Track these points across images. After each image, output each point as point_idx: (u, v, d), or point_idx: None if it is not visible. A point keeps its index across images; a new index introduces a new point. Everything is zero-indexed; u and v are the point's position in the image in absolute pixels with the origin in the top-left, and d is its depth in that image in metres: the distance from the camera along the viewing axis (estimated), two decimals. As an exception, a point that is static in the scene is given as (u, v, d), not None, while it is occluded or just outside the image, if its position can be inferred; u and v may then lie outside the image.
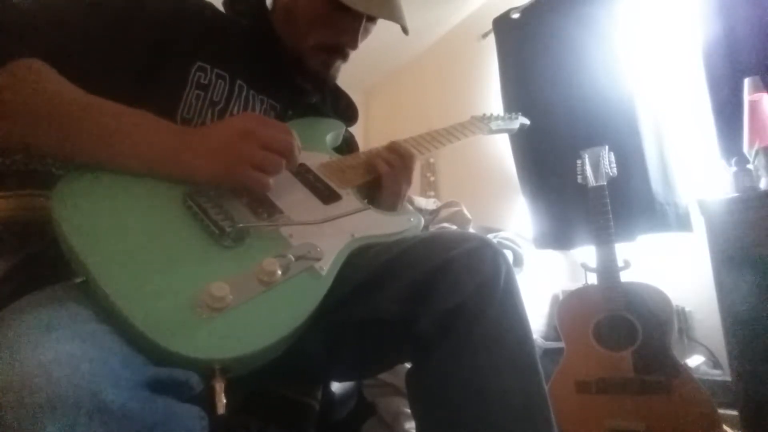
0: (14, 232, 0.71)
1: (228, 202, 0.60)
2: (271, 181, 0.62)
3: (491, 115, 1.10)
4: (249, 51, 0.81)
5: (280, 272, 0.54)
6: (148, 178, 0.59)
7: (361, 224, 0.68)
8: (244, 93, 0.78)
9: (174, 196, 0.59)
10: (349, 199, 0.72)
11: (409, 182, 0.83)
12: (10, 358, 0.39)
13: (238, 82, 0.78)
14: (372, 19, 0.83)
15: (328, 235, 0.63)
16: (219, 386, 0.46)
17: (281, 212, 0.63)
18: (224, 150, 0.60)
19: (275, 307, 0.53)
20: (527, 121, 1.19)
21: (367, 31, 0.85)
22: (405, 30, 0.83)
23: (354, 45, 0.83)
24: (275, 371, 0.52)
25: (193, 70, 0.73)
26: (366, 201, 0.75)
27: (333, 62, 0.85)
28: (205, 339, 0.47)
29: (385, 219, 0.72)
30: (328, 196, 0.71)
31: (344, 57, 0.85)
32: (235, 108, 0.77)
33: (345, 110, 0.98)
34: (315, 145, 0.81)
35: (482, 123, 1.06)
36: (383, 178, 0.80)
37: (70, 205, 0.54)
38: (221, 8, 0.87)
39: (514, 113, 1.18)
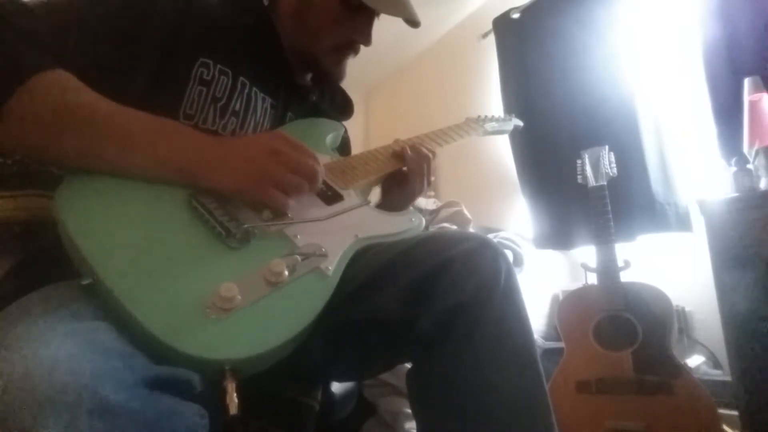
0: (15, 232, 0.71)
1: (233, 202, 0.61)
2: (292, 202, 0.62)
3: (485, 116, 1.11)
4: (252, 49, 0.81)
5: (287, 272, 0.54)
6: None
7: (364, 225, 0.68)
8: (246, 90, 0.78)
9: (179, 197, 0.59)
10: (351, 200, 0.73)
11: (428, 182, 0.87)
12: (12, 356, 0.39)
13: (241, 78, 0.78)
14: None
15: (333, 236, 0.64)
16: (230, 387, 0.46)
17: (285, 213, 0.63)
18: (251, 167, 0.60)
19: (284, 307, 0.53)
20: (521, 123, 1.22)
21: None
22: (416, 23, 0.84)
23: (368, 41, 0.84)
24: (275, 371, 0.52)
25: (196, 66, 0.73)
26: (370, 202, 0.76)
27: (346, 59, 0.86)
28: (215, 340, 0.47)
29: (388, 219, 0.73)
30: (330, 196, 0.71)
31: (356, 52, 0.87)
32: (237, 104, 0.77)
33: (342, 104, 0.99)
34: (315, 146, 0.81)
35: (476, 124, 1.08)
36: (410, 172, 0.84)
37: (75, 208, 0.53)
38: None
39: (507, 115, 1.20)
